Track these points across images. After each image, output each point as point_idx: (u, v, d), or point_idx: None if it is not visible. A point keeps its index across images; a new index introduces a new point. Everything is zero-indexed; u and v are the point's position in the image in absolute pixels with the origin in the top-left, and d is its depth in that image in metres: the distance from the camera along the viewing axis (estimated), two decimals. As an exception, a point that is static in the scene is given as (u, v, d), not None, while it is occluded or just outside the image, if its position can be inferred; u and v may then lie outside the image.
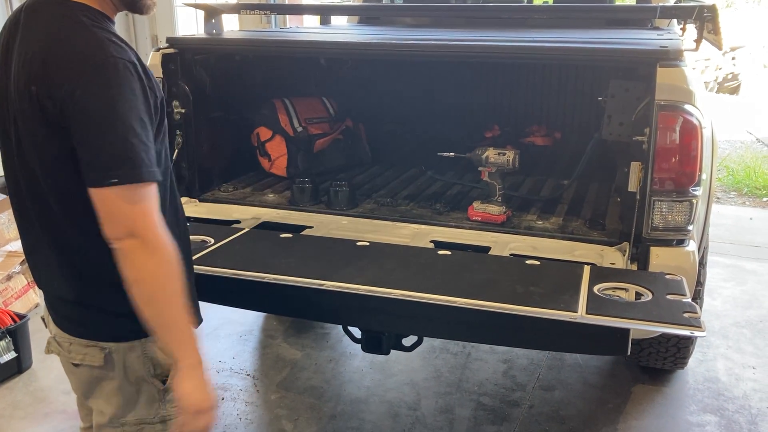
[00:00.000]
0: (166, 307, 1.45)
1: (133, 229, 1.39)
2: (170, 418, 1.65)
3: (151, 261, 1.40)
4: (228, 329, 3.93)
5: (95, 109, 1.37)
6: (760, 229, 5.62)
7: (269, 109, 3.30)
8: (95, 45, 1.40)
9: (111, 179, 1.37)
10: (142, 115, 1.41)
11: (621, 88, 2.56)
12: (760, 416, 3.12)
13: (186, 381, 1.48)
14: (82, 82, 1.37)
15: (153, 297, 1.44)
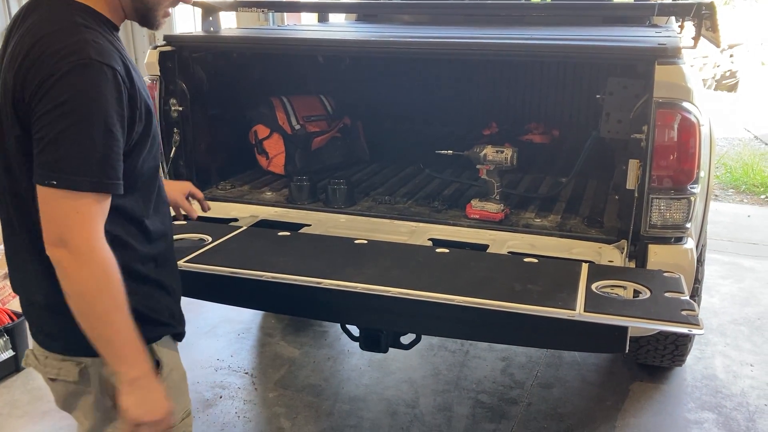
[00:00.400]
0: (100, 323, 1.41)
1: (64, 236, 1.35)
2: None
3: (81, 274, 1.36)
4: (226, 327, 3.92)
5: (57, 107, 1.33)
6: (758, 226, 5.62)
7: (267, 107, 3.29)
8: (76, 45, 1.36)
9: (51, 179, 1.33)
10: (111, 124, 1.36)
11: (619, 85, 2.55)
12: (758, 413, 3.12)
13: (126, 396, 1.46)
14: (52, 81, 1.34)
15: (86, 312, 1.40)
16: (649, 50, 2.24)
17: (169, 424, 1.54)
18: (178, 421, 1.66)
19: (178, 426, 1.67)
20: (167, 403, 1.52)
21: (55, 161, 1.33)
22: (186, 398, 1.74)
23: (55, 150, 1.33)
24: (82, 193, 1.34)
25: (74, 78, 1.34)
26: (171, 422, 1.55)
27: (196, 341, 3.78)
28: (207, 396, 3.27)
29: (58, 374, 1.58)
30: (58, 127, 1.33)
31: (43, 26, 1.41)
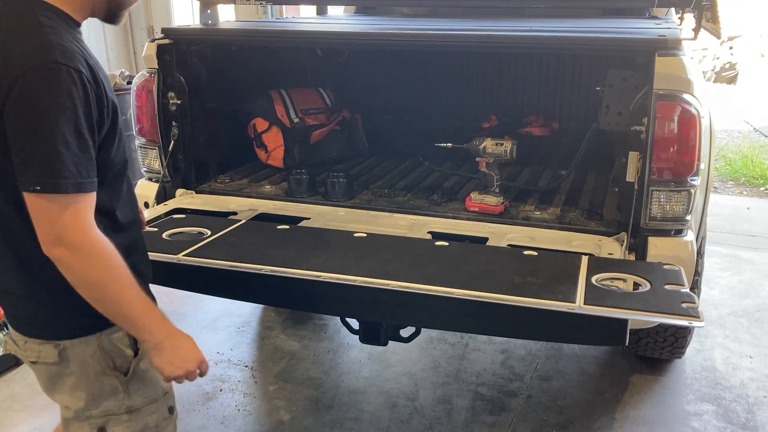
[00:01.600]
0: (113, 305, 1.50)
1: (59, 235, 1.41)
2: (136, 408, 1.69)
3: (83, 266, 1.44)
4: (226, 321, 3.92)
5: (28, 114, 1.37)
6: (758, 218, 5.62)
7: (266, 100, 3.28)
8: (40, 48, 1.39)
9: (35, 186, 1.39)
10: (80, 125, 1.41)
11: (619, 77, 2.55)
12: (757, 405, 3.13)
13: (156, 358, 1.59)
14: (19, 85, 1.37)
15: (98, 298, 1.48)
16: (649, 42, 2.24)
17: (203, 370, 1.70)
18: (161, 396, 1.75)
19: (162, 399, 1.75)
20: (195, 352, 1.67)
21: (34, 168, 1.38)
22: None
23: (33, 157, 1.38)
24: (66, 195, 1.40)
25: (42, 83, 1.37)
26: (204, 368, 1.70)
27: (196, 334, 3.69)
28: (207, 389, 3.27)
29: (38, 357, 1.63)
30: (33, 134, 1.38)
31: (9, 26, 1.43)
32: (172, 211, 2.66)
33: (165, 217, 2.54)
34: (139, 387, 1.70)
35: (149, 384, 1.72)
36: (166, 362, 1.60)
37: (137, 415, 1.70)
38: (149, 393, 1.72)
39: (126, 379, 1.67)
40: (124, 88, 4.92)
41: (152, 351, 1.59)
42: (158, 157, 2.83)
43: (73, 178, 1.40)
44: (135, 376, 1.69)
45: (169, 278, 2.27)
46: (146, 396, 1.71)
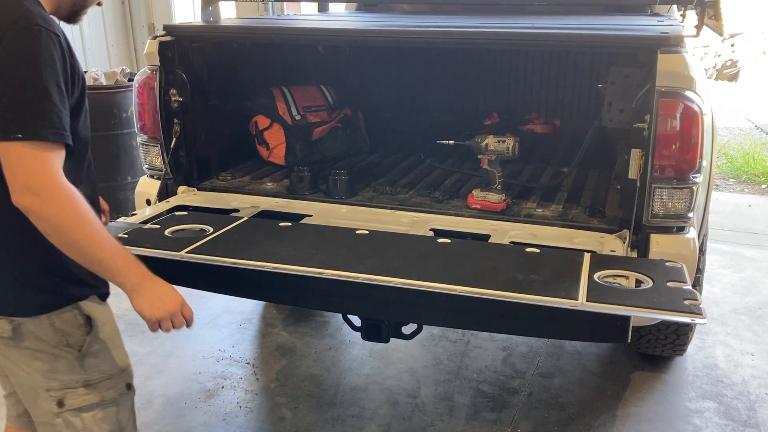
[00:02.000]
0: (85, 248, 1.56)
1: (30, 182, 1.47)
2: (92, 382, 1.78)
3: (52, 211, 1.50)
4: (227, 318, 3.93)
5: (15, 67, 1.47)
6: (759, 216, 5.62)
7: (267, 97, 3.28)
8: (22, 14, 1.51)
9: (16, 133, 1.46)
10: (60, 83, 1.52)
11: (621, 74, 2.54)
12: (758, 402, 3.13)
13: (134, 301, 1.67)
14: (5, 43, 1.47)
15: (70, 242, 1.55)
16: (651, 39, 2.23)
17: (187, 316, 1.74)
18: (117, 372, 1.83)
19: (119, 376, 1.84)
20: (174, 295, 1.72)
21: (17, 116, 1.46)
22: (123, 351, 1.89)
23: (15, 106, 1.46)
24: (43, 143, 1.48)
25: (26, 41, 1.48)
26: (188, 313, 1.75)
27: (197, 332, 3.78)
28: (209, 386, 3.28)
29: None
30: (16, 86, 1.47)
31: None
32: (174, 208, 2.66)
33: (167, 215, 2.54)
34: (95, 363, 1.78)
35: (105, 360, 1.81)
36: (146, 304, 1.66)
37: (94, 390, 1.78)
38: (105, 369, 1.81)
39: (80, 355, 1.74)
40: (125, 86, 4.91)
41: (130, 295, 1.66)
42: (160, 154, 2.82)
43: (54, 128, 1.49)
44: (89, 353, 1.77)
45: (172, 275, 2.25)
46: (102, 372, 1.80)
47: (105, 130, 4.79)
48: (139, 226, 2.35)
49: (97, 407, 1.79)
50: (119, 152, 4.90)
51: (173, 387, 3.27)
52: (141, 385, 3.28)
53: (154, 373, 3.39)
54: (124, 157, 4.94)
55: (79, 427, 1.77)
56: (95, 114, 5.35)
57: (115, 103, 4.84)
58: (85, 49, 6.36)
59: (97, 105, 4.81)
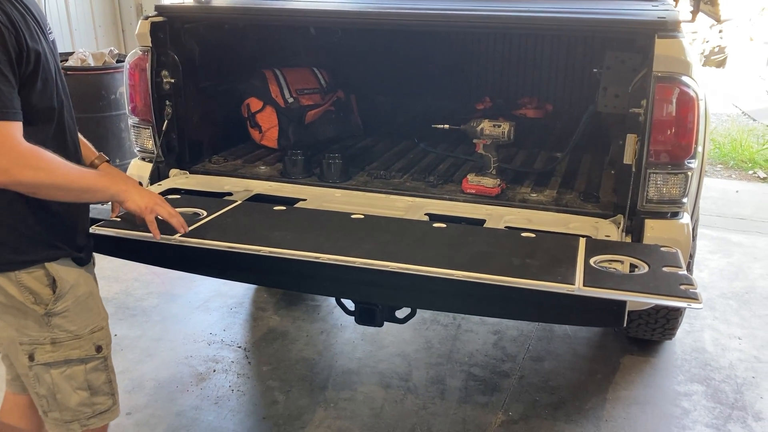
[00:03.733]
0: (72, 189, 1.73)
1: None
2: (59, 341, 1.85)
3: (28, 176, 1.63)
4: (218, 302, 3.91)
5: None
6: (746, 201, 5.67)
7: (260, 79, 3.25)
8: None
9: None
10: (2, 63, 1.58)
11: (617, 59, 2.54)
12: (745, 385, 3.17)
13: (129, 202, 1.92)
14: None
15: (56, 191, 1.70)
16: (649, 23, 2.23)
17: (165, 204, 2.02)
18: (86, 333, 1.90)
19: (87, 337, 1.90)
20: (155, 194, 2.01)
21: None
22: (95, 315, 1.94)
23: None
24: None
25: None
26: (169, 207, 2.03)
27: (188, 315, 3.77)
28: (200, 370, 3.27)
29: None
30: None
31: None
32: (167, 191, 2.64)
33: (160, 197, 2.51)
34: (61, 323, 1.85)
35: (73, 321, 1.87)
36: (138, 199, 1.92)
37: (60, 348, 1.86)
38: (72, 329, 1.87)
39: (46, 313, 1.82)
40: (113, 67, 4.85)
41: (124, 197, 1.90)
42: (151, 136, 2.79)
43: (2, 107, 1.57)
44: (54, 313, 1.83)
45: (166, 259, 2.25)
46: (68, 332, 1.86)
47: (93, 112, 4.74)
48: None
49: (64, 365, 1.87)
50: (107, 134, 4.85)
51: (164, 371, 3.26)
52: (132, 368, 3.27)
53: (145, 357, 3.37)
54: (113, 140, 4.88)
55: (48, 381, 1.87)
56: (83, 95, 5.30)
57: (103, 84, 4.78)
58: (72, 30, 6.27)
59: (85, 86, 4.77)
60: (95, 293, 1.97)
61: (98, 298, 1.99)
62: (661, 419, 2.96)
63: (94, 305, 1.95)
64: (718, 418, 2.95)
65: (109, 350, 2.00)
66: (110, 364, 2.00)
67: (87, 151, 2.07)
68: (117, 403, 2.03)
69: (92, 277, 1.98)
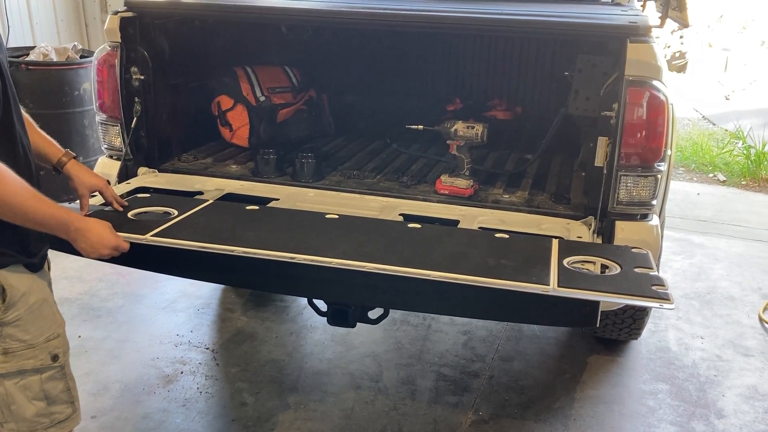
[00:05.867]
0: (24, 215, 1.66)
1: None
2: (12, 351, 1.78)
3: None
4: (185, 302, 3.85)
5: None
6: (707, 204, 5.80)
7: (231, 77, 3.21)
8: None
9: None
10: None
11: (588, 63, 2.58)
12: (708, 384, 3.24)
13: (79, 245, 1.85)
14: None
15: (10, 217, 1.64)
16: (621, 28, 2.26)
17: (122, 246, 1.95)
18: (41, 342, 1.82)
19: (42, 346, 1.82)
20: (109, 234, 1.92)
21: None
22: (50, 322, 1.87)
23: None
24: None
25: None
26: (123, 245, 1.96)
27: (154, 316, 3.70)
28: (167, 371, 3.22)
29: None
30: None
31: None
32: (135, 189, 2.59)
33: (128, 196, 2.47)
34: (13, 332, 1.77)
35: (26, 330, 1.79)
36: (89, 246, 1.86)
37: (12, 358, 1.78)
38: (25, 339, 1.79)
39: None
40: (77, 62, 4.73)
41: (75, 242, 1.83)
42: (120, 134, 2.74)
43: None
44: (6, 322, 1.75)
45: (136, 259, 2.20)
46: (21, 341, 1.78)
47: (56, 108, 4.61)
48: (100, 208, 2.28)
49: (17, 375, 1.80)
50: (71, 131, 4.73)
51: (130, 373, 3.20)
52: (97, 370, 3.20)
53: (110, 359, 3.30)
54: (76, 137, 4.76)
55: (2, 392, 1.80)
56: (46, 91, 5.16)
57: (66, 80, 4.66)
58: (33, 24, 6.10)
59: (47, 82, 4.65)
60: (50, 300, 1.89)
61: (53, 304, 1.90)
62: (628, 417, 3.01)
63: (49, 312, 1.87)
64: (682, 416, 3.00)
65: (67, 358, 1.92)
66: (68, 372, 1.93)
67: (52, 148, 2.01)
68: (77, 410, 1.95)
69: (47, 283, 1.90)
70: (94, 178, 2.19)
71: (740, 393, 3.18)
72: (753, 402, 3.12)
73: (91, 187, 2.16)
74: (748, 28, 11.79)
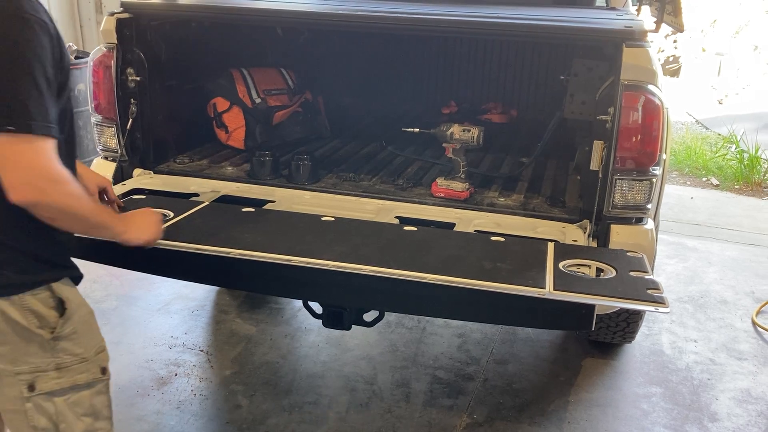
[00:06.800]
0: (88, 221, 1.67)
1: (31, 180, 1.49)
2: (65, 365, 1.72)
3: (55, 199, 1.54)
4: (179, 304, 3.84)
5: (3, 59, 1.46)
6: (701, 207, 5.83)
7: (227, 79, 3.21)
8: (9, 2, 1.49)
9: (7, 126, 1.45)
10: (48, 72, 1.51)
11: (584, 67, 2.58)
12: (701, 387, 3.25)
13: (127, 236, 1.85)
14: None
15: (68, 223, 1.64)
16: (617, 32, 2.27)
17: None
18: (92, 355, 1.78)
19: (93, 359, 1.78)
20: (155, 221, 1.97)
21: (7, 108, 1.45)
22: (97, 335, 1.85)
23: (6, 97, 1.46)
24: (35, 137, 1.48)
25: (15, 31, 1.47)
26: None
27: (148, 318, 3.69)
28: (161, 374, 3.21)
29: None
30: (7, 76, 1.46)
31: None
32: (131, 191, 2.58)
33: (124, 198, 2.46)
34: (67, 346, 1.72)
35: (78, 344, 1.75)
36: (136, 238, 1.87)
37: (66, 373, 1.73)
38: (78, 352, 1.74)
39: (53, 337, 1.70)
40: (72, 63, 4.72)
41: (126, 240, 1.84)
42: (115, 135, 2.73)
43: (43, 121, 1.49)
44: (62, 336, 1.71)
45: (131, 260, 2.20)
46: (75, 355, 1.74)
47: (50, 109, 4.60)
48: None
49: (69, 391, 1.74)
50: (65, 132, 4.72)
51: (124, 375, 3.19)
52: (91, 372, 3.19)
53: (104, 361, 3.29)
54: (70, 137, 4.75)
55: (51, 411, 1.72)
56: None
57: (60, 80, 4.65)
58: (27, 24, 6.09)
59: (41, 82, 4.63)
60: (93, 312, 1.86)
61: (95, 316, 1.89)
62: (622, 421, 3.01)
63: (96, 325, 1.85)
64: (675, 420, 3.01)
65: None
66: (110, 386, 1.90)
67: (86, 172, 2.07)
68: (113, 426, 1.92)
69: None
70: (99, 175, 2.20)
71: (733, 396, 3.19)
72: (746, 405, 3.13)
73: (99, 183, 2.17)
74: (742, 32, 11.86)
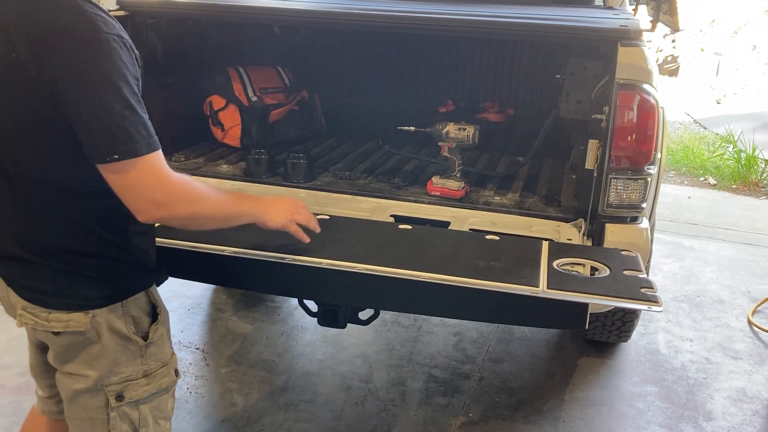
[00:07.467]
0: (224, 218, 1.70)
1: (154, 198, 1.48)
2: (151, 372, 1.73)
3: (183, 209, 1.53)
4: (176, 302, 3.84)
5: (91, 85, 1.41)
6: (698, 207, 5.83)
7: (223, 77, 3.20)
8: (83, 21, 1.43)
9: (112, 155, 1.43)
10: (134, 88, 1.47)
11: (580, 66, 2.59)
12: (696, 386, 3.26)
13: (268, 226, 1.82)
14: (77, 59, 1.40)
15: (209, 224, 1.68)
16: (612, 31, 2.27)
17: (303, 209, 1.93)
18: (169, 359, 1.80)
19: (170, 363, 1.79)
20: (291, 201, 1.92)
21: (107, 138, 1.42)
22: (170, 337, 1.85)
23: (103, 126, 1.42)
24: (142, 157, 1.44)
25: (98, 56, 1.41)
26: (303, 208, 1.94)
27: (144, 316, 3.69)
28: (157, 372, 3.21)
29: (66, 327, 1.62)
30: (98, 106, 1.41)
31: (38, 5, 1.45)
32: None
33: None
34: (154, 351, 1.74)
35: (161, 348, 1.77)
36: (278, 218, 1.83)
37: (153, 379, 1.74)
38: (161, 356, 1.76)
39: (145, 344, 1.71)
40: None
41: (266, 223, 1.81)
42: (111, 133, 2.72)
43: (144, 139, 1.45)
44: (152, 342, 1.72)
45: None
46: (159, 360, 1.75)
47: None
48: None
49: (154, 396, 1.75)
50: (61, 130, 4.72)
51: (120, 372, 3.19)
52: (86, 370, 3.19)
53: (99, 359, 3.29)
54: (67, 135, 4.75)
55: (135, 418, 1.72)
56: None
57: (57, 78, 4.65)
58: (24, 21, 6.08)
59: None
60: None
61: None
62: (617, 420, 3.02)
63: (169, 327, 1.85)
64: (671, 419, 3.02)
65: None
66: None
67: None
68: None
69: None
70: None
71: (729, 395, 3.20)
72: (741, 404, 3.14)
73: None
74: (740, 32, 11.87)
